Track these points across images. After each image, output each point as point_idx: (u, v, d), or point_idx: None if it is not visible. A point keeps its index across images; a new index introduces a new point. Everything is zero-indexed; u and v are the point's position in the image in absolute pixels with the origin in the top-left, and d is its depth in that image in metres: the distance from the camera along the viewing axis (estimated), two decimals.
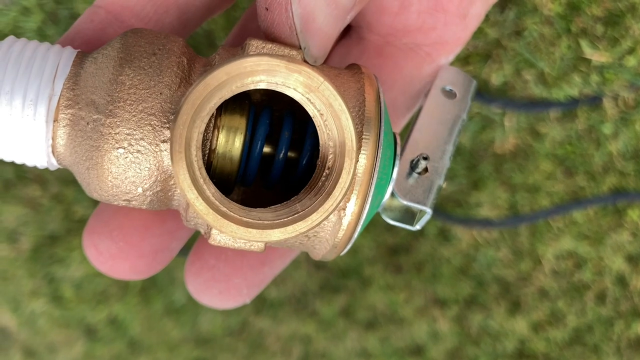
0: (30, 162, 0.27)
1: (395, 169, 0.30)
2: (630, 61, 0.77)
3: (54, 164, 0.27)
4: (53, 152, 0.27)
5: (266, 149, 0.28)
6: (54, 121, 0.26)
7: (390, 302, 0.96)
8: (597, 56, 0.77)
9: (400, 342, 0.98)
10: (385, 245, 0.92)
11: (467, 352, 0.97)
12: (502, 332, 0.96)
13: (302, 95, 0.25)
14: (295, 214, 0.25)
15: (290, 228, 0.25)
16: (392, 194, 0.31)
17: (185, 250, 0.35)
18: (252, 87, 0.24)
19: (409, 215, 0.33)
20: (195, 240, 0.36)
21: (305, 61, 0.27)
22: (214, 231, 0.27)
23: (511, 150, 0.84)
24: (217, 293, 0.34)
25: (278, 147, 0.28)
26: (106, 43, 0.28)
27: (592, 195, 0.86)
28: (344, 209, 0.27)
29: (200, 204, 0.24)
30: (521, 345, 0.96)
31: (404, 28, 0.35)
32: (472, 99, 0.36)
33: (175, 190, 0.27)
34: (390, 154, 0.29)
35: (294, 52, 0.27)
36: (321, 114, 0.25)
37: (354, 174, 0.26)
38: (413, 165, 0.32)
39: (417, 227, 0.32)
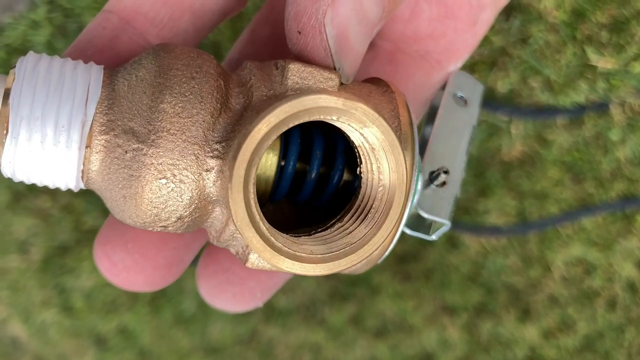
0: (54, 185, 0.26)
1: (420, 184, 0.30)
2: (636, 67, 0.77)
3: (80, 187, 0.27)
4: (82, 177, 0.26)
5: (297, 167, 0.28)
6: (87, 147, 0.25)
7: (399, 310, 0.96)
8: (603, 63, 0.77)
9: (410, 350, 0.98)
10: (394, 253, 0.92)
11: None
12: (512, 339, 0.95)
13: (355, 129, 0.25)
14: (346, 247, 0.26)
15: (343, 261, 0.25)
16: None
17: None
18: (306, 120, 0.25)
19: (424, 224, 0.33)
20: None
21: (341, 83, 0.27)
22: (252, 256, 0.27)
23: (518, 157, 0.84)
24: (230, 296, 0.34)
25: (310, 166, 0.28)
26: (131, 59, 0.27)
27: (601, 201, 0.86)
28: None
29: (257, 241, 0.24)
30: (532, 353, 0.96)
31: (415, 35, 0.35)
32: (481, 105, 0.36)
33: (211, 214, 0.27)
34: (417, 171, 0.29)
35: (333, 76, 0.27)
36: (373, 149, 0.25)
37: (404, 206, 0.26)
38: (432, 178, 0.32)
39: (434, 237, 0.32)
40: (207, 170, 0.25)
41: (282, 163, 0.28)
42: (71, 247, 0.92)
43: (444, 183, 0.32)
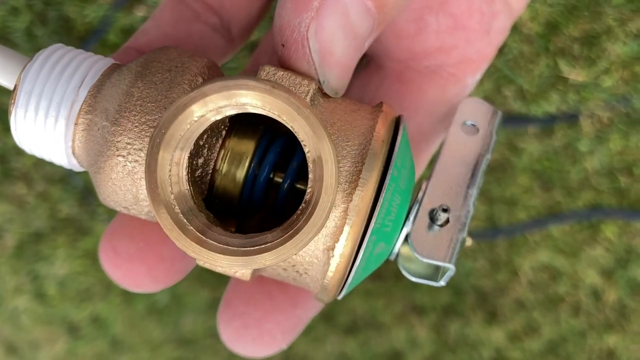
0: (51, 159, 0.29)
1: (411, 217, 0.28)
2: (606, 81, 0.78)
3: (75, 165, 0.29)
4: (73, 153, 0.28)
5: (277, 178, 0.28)
6: (75, 124, 0.27)
7: (369, 308, 0.97)
8: (574, 75, 0.78)
9: (379, 347, 0.99)
10: None
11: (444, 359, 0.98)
12: (478, 340, 0.97)
13: (287, 122, 0.24)
14: (263, 244, 0.24)
15: (255, 258, 0.24)
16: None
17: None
18: (228, 113, 0.24)
19: (433, 269, 0.30)
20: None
21: (325, 94, 0.27)
22: None
23: (489, 163, 0.85)
24: (250, 340, 0.33)
25: (284, 177, 0.27)
26: None
27: (568, 210, 0.87)
28: (332, 249, 0.26)
29: (166, 218, 0.24)
30: (497, 354, 0.97)
31: (424, 50, 0.34)
32: (497, 133, 0.33)
33: None
34: (403, 200, 0.28)
35: (307, 82, 0.26)
36: (304, 144, 0.24)
37: (329, 212, 0.24)
38: (432, 217, 0.29)
39: (442, 282, 0.29)
40: None
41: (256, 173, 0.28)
42: (46, 234, 0.92)
43: (446, 221, 0.29)
